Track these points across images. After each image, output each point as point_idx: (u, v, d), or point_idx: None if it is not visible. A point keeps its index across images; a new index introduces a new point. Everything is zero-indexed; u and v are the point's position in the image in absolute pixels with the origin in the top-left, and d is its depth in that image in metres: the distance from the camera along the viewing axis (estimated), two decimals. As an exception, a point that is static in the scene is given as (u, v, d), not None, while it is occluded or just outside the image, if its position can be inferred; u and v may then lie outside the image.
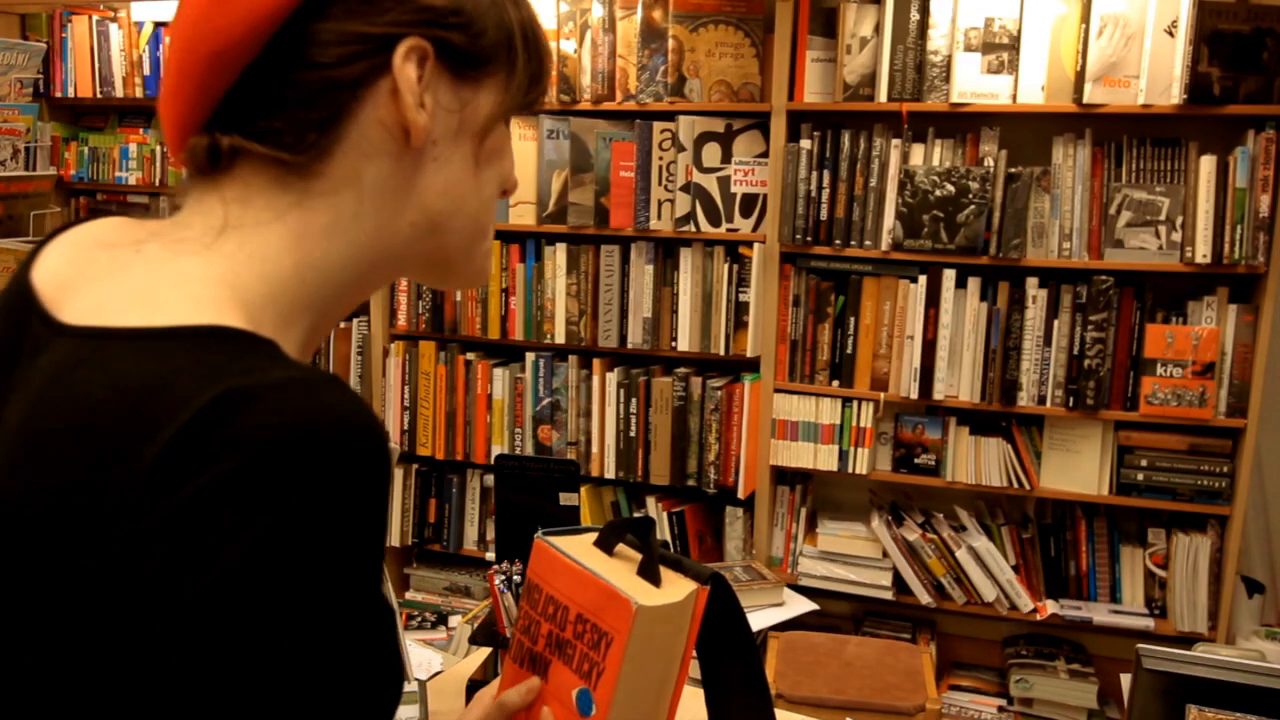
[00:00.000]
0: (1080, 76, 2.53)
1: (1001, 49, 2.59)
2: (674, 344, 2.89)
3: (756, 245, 2.79)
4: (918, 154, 2.69)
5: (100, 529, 0.50)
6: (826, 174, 2.73)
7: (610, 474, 2.97)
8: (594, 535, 0.93)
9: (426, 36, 0.62)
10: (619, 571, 0.87)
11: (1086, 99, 2.52)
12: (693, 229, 2.82)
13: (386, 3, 0.61)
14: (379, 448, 0.53)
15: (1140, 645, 1.11)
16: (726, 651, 0.92)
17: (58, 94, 3.42)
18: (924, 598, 2.77)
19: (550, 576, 0.89)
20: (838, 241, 2.74)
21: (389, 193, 0.64)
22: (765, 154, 2.81)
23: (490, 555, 3.12)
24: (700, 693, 0.94)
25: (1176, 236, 2.53)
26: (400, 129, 0.63)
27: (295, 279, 0.62)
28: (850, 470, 2.80)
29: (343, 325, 3.28)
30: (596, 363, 2.97)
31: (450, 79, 0.64)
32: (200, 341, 0.54)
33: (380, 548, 0.55)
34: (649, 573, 0.86)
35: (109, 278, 0.60)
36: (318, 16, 0.60)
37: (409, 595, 3.24)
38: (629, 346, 2.93)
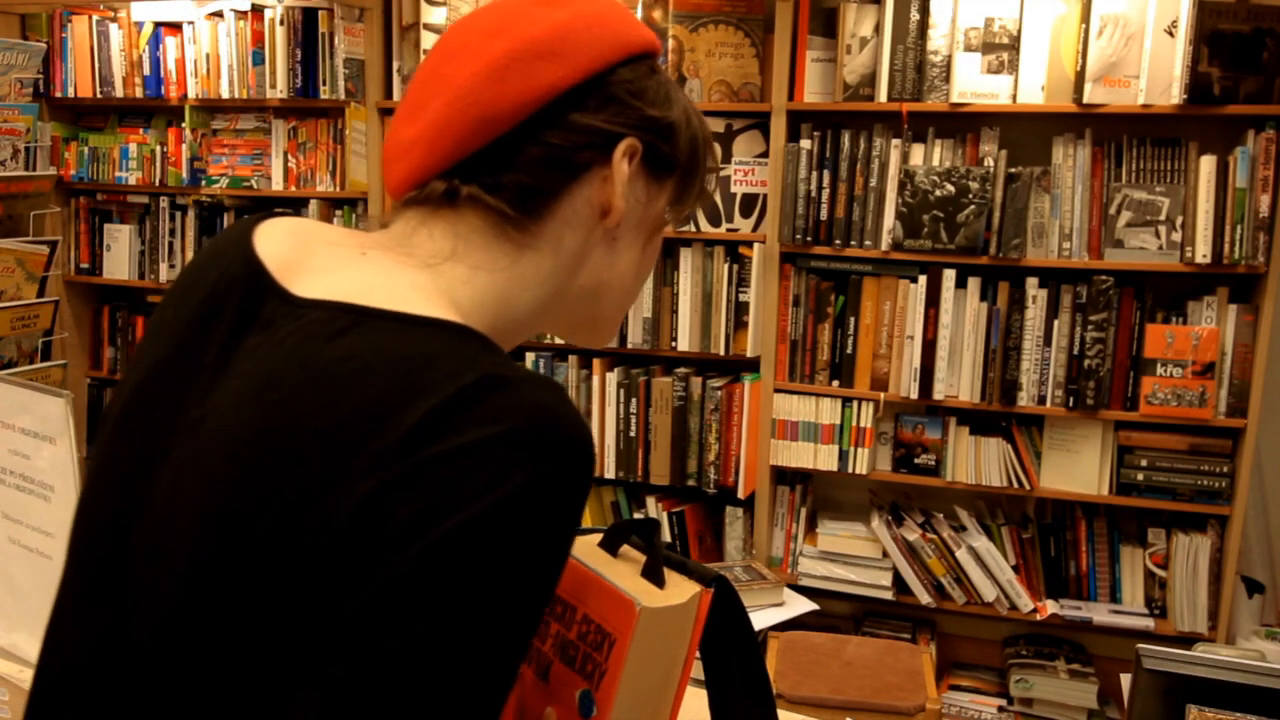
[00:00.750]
0: (1080, 76, 2.53)
1: (1001, 49, 2.59)
2: (674, 344, 2.89)
3: (756, 245, 2.79)
4: (918, 154, 2.69)
5: (356, 470, 0.56)
6: (826, 174, 2.73)
7: (610, 474, 2.97)
8: (598, 536, 0.93)
9: (641, 139, 0.74)
10: (623, 573, 0.87)
11: (1086, 99, 2.53)
12: (693, 229, 2.82)
13: (620, 106, 0.73)
14: (593, 455, 0.61)
15: (1140, 645, 1.11)
16: (730, 654, 0.92)
17: (58, 94, 3.42)
18: (924, 598, 2.78)
19: (562, 578, 0.89)
20: (838, 241, 2.74)
21: (576, 260, 0.75)
22: (765, 154, 2.81)
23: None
24: (702, 693, 0.94)
25: (1176, 236, 2.54)
26: (601, 209, 0.74)
27: (493, 315, 0.71)
28: (850, 470, 2.80)
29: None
30: (596, 363, 2.97)
31: (646, 177, 0.76)
32: (453, 332, 0.63)
33: (572, 542, 0.62)
34: (653, 574, 0.86)
35: (340, 269, 0.68)
36: (567, 107, 0.71)
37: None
38: (629, 346, 2.93)
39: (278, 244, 0.71)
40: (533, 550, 0.58)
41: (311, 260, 0.69)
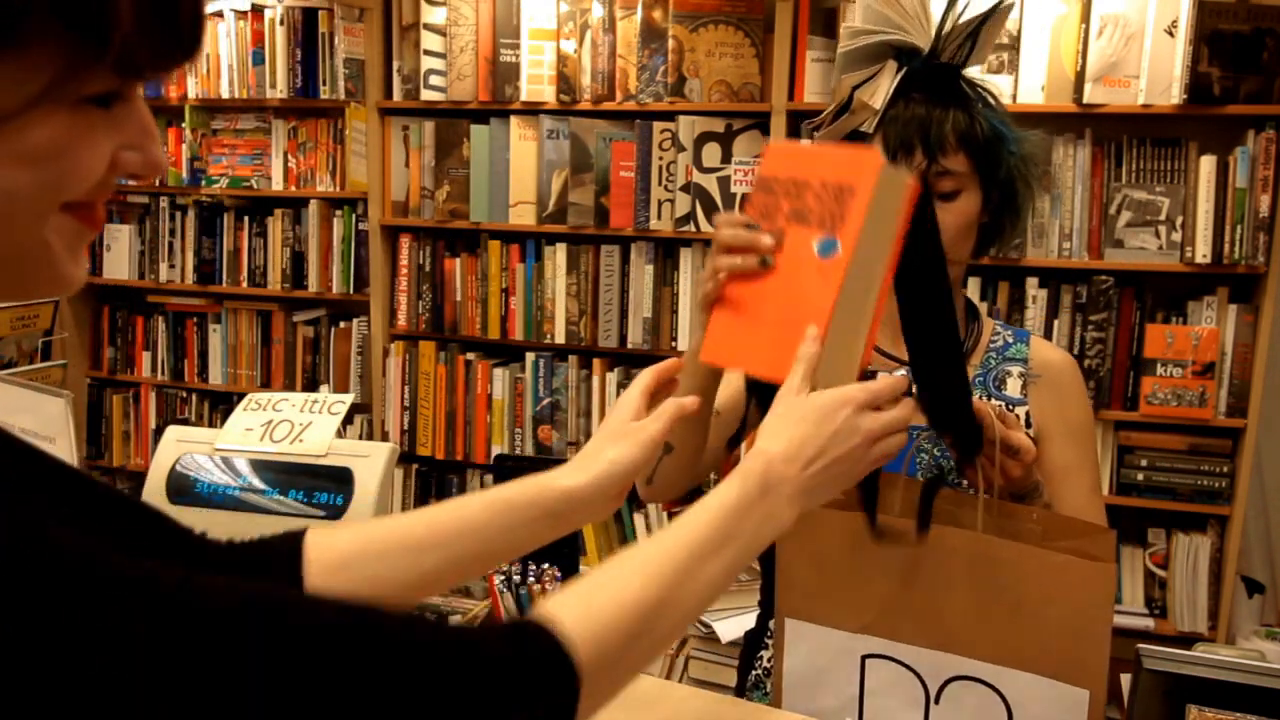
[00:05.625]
0: (1080, 76, 2.53)
1: (1001, 49, 2.59)
2: (674, 344, 2.89)
3: (756, 245, 2.79)
4: (918, 154, 2.69)
5: None
6: (826, 174, 2.73)
7: (610, 474, 2.97)
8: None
9: None
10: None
11: (1086, 99, 2.52)
12: (693, 229, 2.82)
13: None
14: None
15: (1140, 645, 1.11)
16: (916, 255, 0.94)
17: (57, 94, 3.42)
18: (924, 597, 2.77)
19: (790, 165, 0.94)
20: (838, 241, 2.74)
21: None
22: (765, 154, 2.81)
23: (490, 555, 3.12)
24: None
25: (1176, 236, 2.54)
26: None
27: None
28: (850, 470, 2.80)
29: (342, 325, 3.28)
30: (596, 363, 2.97)
31: None
32: None
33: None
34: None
35: None
36: None
37: (409, 595, 3.23)
38: (629, 346, 2.93)
39: None
40: None
41: None
